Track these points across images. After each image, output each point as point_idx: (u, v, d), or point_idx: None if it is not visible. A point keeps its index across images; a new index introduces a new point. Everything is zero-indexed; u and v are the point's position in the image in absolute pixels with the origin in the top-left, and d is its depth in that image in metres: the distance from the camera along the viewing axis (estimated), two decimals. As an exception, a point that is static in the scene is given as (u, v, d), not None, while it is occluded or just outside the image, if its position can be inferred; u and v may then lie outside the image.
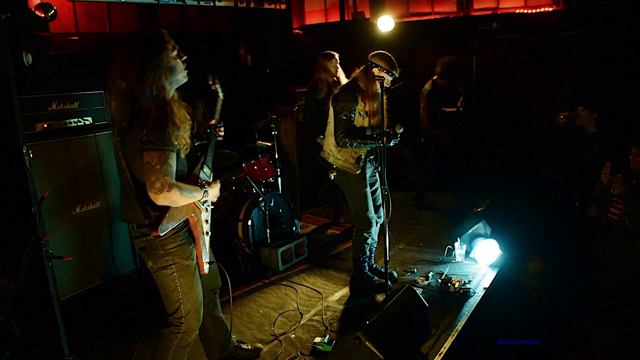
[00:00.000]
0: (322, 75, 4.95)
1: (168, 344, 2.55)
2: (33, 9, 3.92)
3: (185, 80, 2.43)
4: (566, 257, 4.92)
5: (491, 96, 6.57)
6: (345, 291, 4.13)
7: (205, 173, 2.61)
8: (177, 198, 2.27)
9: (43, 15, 3.91)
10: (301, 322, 3.65)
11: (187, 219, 2.48)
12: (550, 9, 6.52)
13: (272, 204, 4.66)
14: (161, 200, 2.23)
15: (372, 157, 3.87)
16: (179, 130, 2.28)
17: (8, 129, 2.52)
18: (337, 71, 4.89)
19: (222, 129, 2.85)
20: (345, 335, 2.85)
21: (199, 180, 2.52)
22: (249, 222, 4.45)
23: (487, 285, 4.02)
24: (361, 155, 3.76)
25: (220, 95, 2.89)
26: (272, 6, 6.56)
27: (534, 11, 6.65)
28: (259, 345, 3.31)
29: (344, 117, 3.64)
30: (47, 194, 2.71)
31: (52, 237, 3.26)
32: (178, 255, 2.44)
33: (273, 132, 5.01)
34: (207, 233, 2.57)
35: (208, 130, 2.76)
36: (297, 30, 8.16)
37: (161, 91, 2.27)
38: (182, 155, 2.40)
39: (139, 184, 2.32)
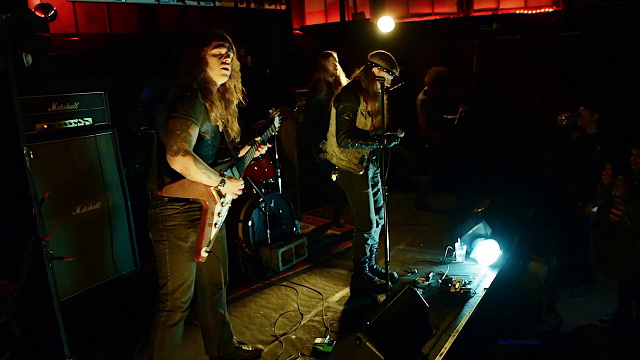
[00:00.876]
0: (321, 75, 4.96)
1: (157, 323, 2.66)
2: (33, 10, 3.92)
3: (222, 80, 2.65)
4: (567, 258, 4.92)
5: (491, 96, 6.57)
6: (345, 292, 4.12)
7: (234, 174, 2.84)
8: (190, 166, 2.41)
9: (43, 15, 3.91)
10: (302, 323, 3.64)
11: (200, 206, 2.59)
12: (551, 10, 6.52)
13: (272, 205, 4.66)
14: (175, 163, 2.39)
15: (374, 157, 3.87)
16: (207, 110, 2.52)
17: (8, 130, 2.51)
18: (335, 69, 4.88)
19: (265, 147, 3.15)
20: (345, 335, 2.84)
21: (220, 171, 2.67)
22: (249, 223, 4.45)
23: (487, 286, 4.02)
24: (364, 156, 3.76)
25: (276, 123, 3.35)
26: (272, 7, 6.56)
27: (534, 12, 6.65)
28: (260, 346, 3.30)
29: (346, 118, 3.64)
30: (47, 194, 2.71)
31: (53, 237, 3.25)
32: (173, 233, 2.58)
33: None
34: (215, 225, 2.65)
35: (250, 145, 3.06)
36: (297, 31, 8.16)
37: (198, 77, 2.53)
38: (209, 137, 2.60)
39: (162, 153, 2.48)
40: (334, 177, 3.91)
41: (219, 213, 2.66)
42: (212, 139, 2.66)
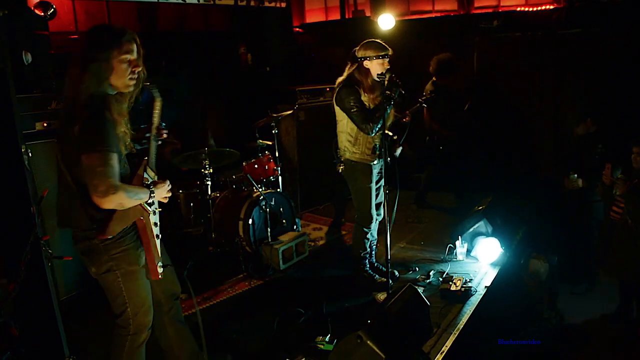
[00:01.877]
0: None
1: (121, 347, 2.48)
2: (32, 8, 3.91)
3: (127, 91, 2.30)
4: (568, 256, 4.91)
5: (491, 94, 6.56)
6: (346, 290, 4.11)
7: (149, 175, 2.46)
8: (123, 200, 2.15)
9: (42, 14, 3.90)
10: (302, 321, 3.64)
11: (134, 223, 2.35)
12: (551, 7, 6.50)
13: (272, 203, 4.65)
14: (107, 203, 2.11)
15: (382, 150, 3.87)
16: (115, 129, 2.20)
17: (7, 129, 2.51)
18: None
19: (164, 132, 2.62)
20: (346, 334, 2.84)
21: (144, 180, 2.37)
22: (250, 221, 4.44)
23: (488, 284, 4.01)
24: (376, 145, 3.78)
25: (156, 95, 2.54)
26: (272, 4, 6.54)
27: (534, 9, 6.63)
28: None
29: (355, 109, 3.64)
30: (46, 193, 2.70)
31: (52, 236, 3.25)
32: (123, 260, 2.33)
33: (273, 131, 5.01)
34: (157, 236, 2.44)
35: (147, 135, 2.57)
36: (297, 29, 8.14)
37: (100, 89, 2.19)
38: (123, 154, 2.32)
39: (82, 186, 2.17)
40: (339, 169, 3.93)
41: (155, 223, 2.44)
42: (125, 151, 2.37)
